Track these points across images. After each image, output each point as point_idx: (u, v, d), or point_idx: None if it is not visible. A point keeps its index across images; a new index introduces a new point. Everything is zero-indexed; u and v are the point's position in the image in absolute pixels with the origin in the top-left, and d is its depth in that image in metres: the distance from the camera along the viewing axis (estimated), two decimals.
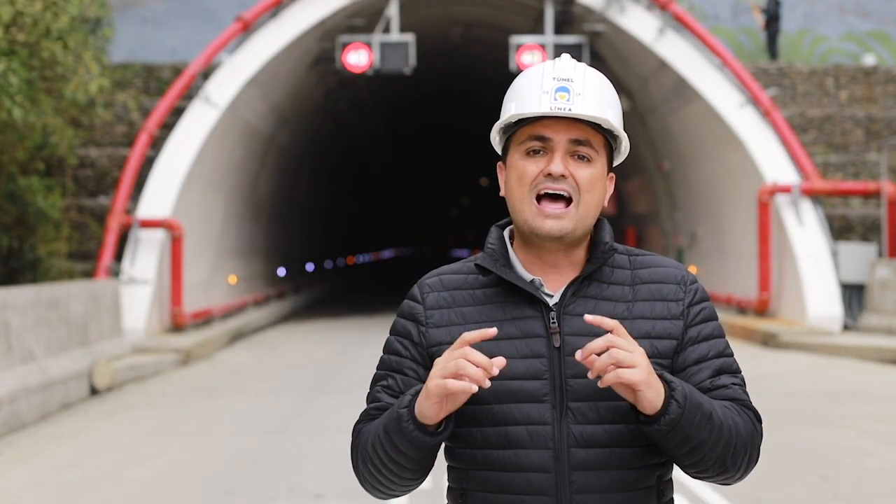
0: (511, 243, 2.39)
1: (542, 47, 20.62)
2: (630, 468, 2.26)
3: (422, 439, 2.18)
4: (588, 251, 2.37)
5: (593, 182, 2.30)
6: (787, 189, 19.45)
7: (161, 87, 21.35)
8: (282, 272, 30.04)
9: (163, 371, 15.51)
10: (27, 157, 17.26)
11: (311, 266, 35.86)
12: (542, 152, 2.30)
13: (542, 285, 2.32)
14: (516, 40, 20.85)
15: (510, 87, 2.37)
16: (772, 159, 20.00)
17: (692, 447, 2.18)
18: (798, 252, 18.98)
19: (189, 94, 20.05)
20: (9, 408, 10.80)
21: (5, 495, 8.16)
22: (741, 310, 20.80)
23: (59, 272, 17.89)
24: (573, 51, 20.47)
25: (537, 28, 22.59)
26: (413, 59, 20.65)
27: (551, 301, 2.31)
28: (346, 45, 20.70)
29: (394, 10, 20.82)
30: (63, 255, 18.63)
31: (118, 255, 18.44)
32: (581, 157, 2.30)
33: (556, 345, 2.27)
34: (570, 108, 2.25)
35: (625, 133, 2.36)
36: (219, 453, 9.58)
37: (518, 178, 2.31)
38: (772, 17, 24.10)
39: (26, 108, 14.78)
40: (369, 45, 20.61)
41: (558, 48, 20.63)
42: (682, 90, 21.42)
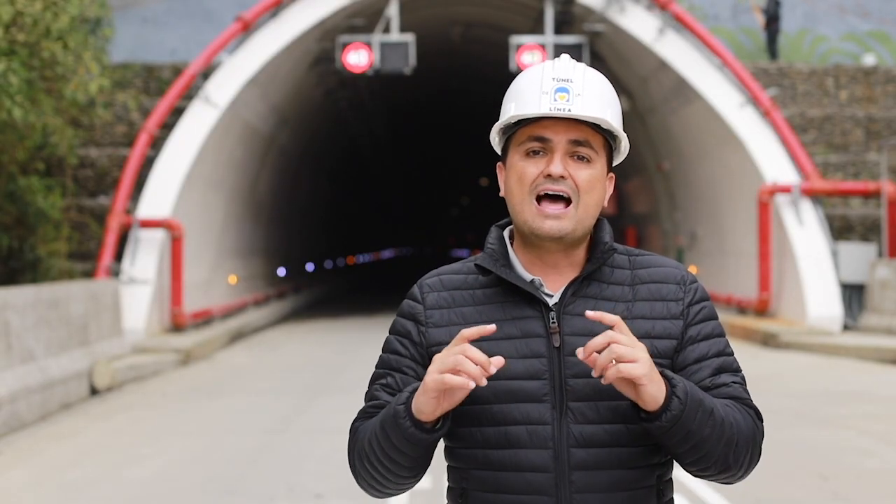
0: (511, 243, 2.39)
1: (542, 47, 20.62)
2: (630, 468, 2.26)
3: (418, 436, 2.18)
4: (588, 251, 2.37)
5: (592, 183, 2.30)
6: (787, 189, 19.45)
7: (161, 87, 21.35)
8: (282, 272, 30.04)
9: (163, 371, 15.51)
10: (27, 157, 17.26)
11: (311, 266, 35.86)
12: (541, 153, 2.30)
13: (541, 285, 2.32)
14: (516, 40, 20.84)
15: (510, 88, 2.37)
16: (772, 159, 20.00)
17: (694, 444, 2.18)
18: (798, 252, 18.98)
19: (189, 94, 20.05)
20: (9, 408, 10.80)
21: (5, 495, 8.16)
22: (741, 310, 20.80)
23: (59, 272, 17.89)
24: (573, 51, 20.46)
25: (537, 28, 22.59)
26: (413, 59, 20.65)
27: (551, 301, 2.31)
28: (346, 45, 20.70)
29: (394, 10, 20.82)
30: (63, 255, 18.63)
31: (118, 255, 18.44)
32: (581, 158, 2.30)
33: (556, 345, 2.27)
34: (569, 109, 2.26)
35: (624, 133, 2.36)
36: (219, 453, 9.59)
37: (518, 179, 2.31)
38: (772, 17, 24.10)
39: (26, 108, 14.78)
40: (369, 45, 20.61)
41: (558, 48, 20.62)
42: (682, 90, 21.42)
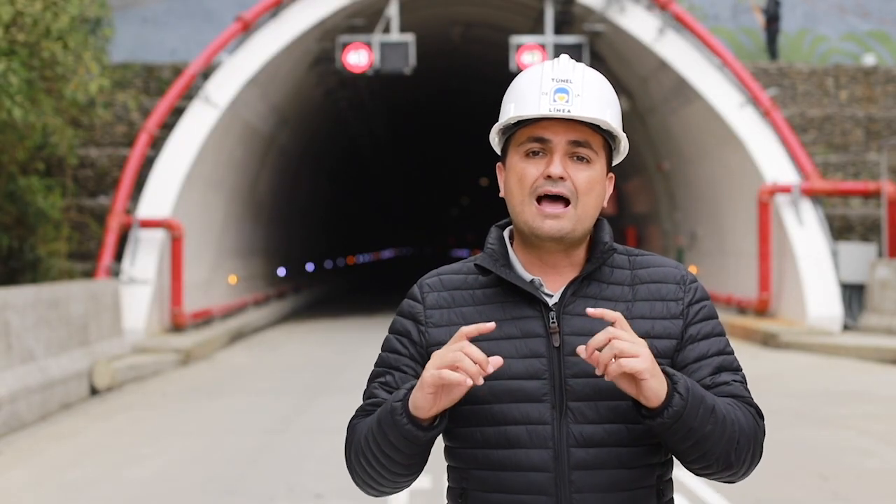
0: (511, 244, 2.39)
1: (542, 47, 20.62)
2: (630, 468, 2.26)
3: (413, 433, 2.18)
4: (588, 251, 2.38)
5: (591, 184, 2.30)
6: (787, 189, 19.45)
7: (161, 87, 21.35)
8: (282, 272, 30.05)
9: (163, 371, 15.51)
10: (27, 157, 17.26)
11: (311, 266, 35.86)
12: (541, 154, 2.30)
13: (541, 285, 2.32)
14: (516, 40, 20.84)
15: (509, 88, 2.37)
16: (772, 159, 20.00)
17: (696, 441, 2.18)
18: (798, 252, 18.98)
19: (189, 94, 20.05)
20: (9, 408, 10.80)
21: (5, 495, 8.16)
22: (741, 310, 20.80)
23: (59, 272, 17.89)
24: (573, 51, 20.46)
25: (537, 28, 22.59)
26: (413, 59, 20.64)
27: (551, 301, 2.31)
28: (346, 45, 20.70)
29: (394, 10, 20.82)
30: (63, 255, 18.63)
31: (118, 255, 18.44)
32: (580, 159, 2.30)
33: (556, 344, 2.27)
34: (569, 110, 2.26)
35: (624, 133, 2.36)
36: (219, 453, 9.59)
37: (518, 180, 2.31)
38: (772, 17, 24.11)
39: (26, 108, 14.79)
40: (369, 45, 20.61)
41: (558, 48, 20.62)
42: (682, 90, 21.42)
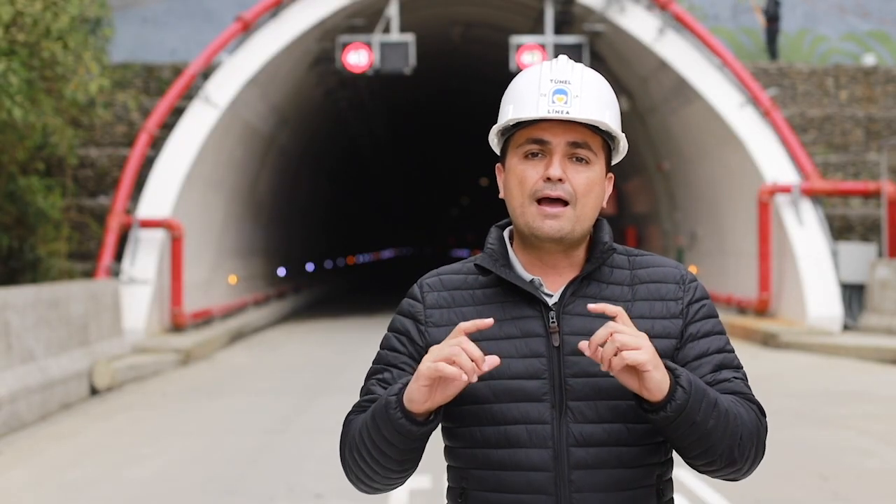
0: (511, 244, 2.40)
1: (542, 47, 20.62)
2: (630, 467, 2.26)
3: (407, 427, 2.18)
4: (587, 252, 2.38)
5: (591, 185, 2.30)
6: (787, 189, 19.45)
7: (161, 87, 21.36)
8: (282, 272, 30.05)
9: (163, 371, 15.51)
10: (27, 157, 17.26)
11: (311, 266, 35.86)
12: (540, 155, 2.30)
13: (541, 285, 2.33)
14: (516, 40, 20.84)
15: (508, 89, 2.37)
16: (772, 159, 20.00)
17: (699, 436, 2.17)
18: (798, 252, 18.98)
19: (189, 94, 20.06)
20: (9, 408, 10.80)
21: (5, 495, 8.16)
22: (741, 310, 20.80)
23: (59, 272, 17.89)
24: (573, 51, 20.47)
25: (537, 28, 22.59)
26: (413, 59, 20.65)
27: (551, 301, 2.31)
28: (346, 45, 20.70)
29: (394, 10, 20.82)
30: (63, 255, 18.63)
31: (118, 255, 18.44)
32: (579, 160, 2.30)
33: (556, 344, 2.28)
34: (567, 112, 2.25)
35: (623, 133, 2.36)
36: (219, 453, 9.59)
37: (518, 182, 2.31)
38: (772, 17, 24.12)
39: (26, 108, 14.79)
40: (369, 45, 20.61)
41: (558, 48, 20.62)
42: (682, 90, 21.42)
